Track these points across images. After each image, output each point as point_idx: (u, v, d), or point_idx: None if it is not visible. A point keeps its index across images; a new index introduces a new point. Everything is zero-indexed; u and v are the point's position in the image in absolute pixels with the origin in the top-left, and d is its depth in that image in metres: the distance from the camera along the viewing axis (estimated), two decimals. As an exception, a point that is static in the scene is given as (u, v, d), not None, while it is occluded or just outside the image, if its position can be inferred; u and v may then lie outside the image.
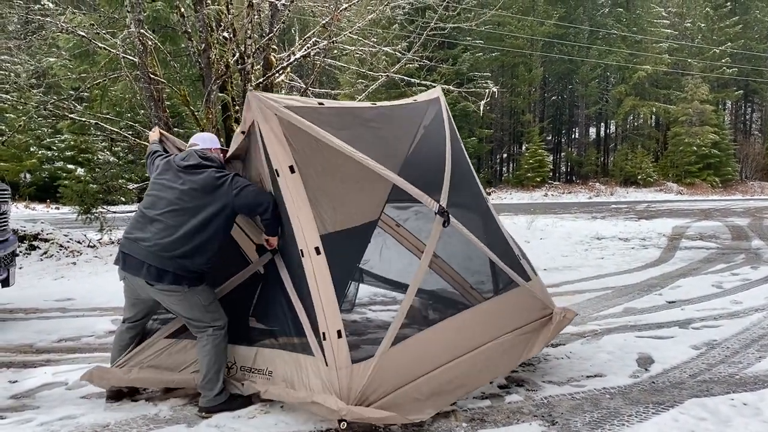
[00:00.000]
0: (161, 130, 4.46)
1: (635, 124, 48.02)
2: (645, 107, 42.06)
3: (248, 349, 3.81)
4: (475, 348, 3.88)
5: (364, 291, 6.19)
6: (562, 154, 48.89)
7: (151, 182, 3.87)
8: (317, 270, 3.27)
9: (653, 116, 45.86)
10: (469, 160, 4.63)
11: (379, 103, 4.21)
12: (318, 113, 3.60)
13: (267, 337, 3.84)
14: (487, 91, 10.29)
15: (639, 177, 39.03)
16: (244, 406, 3.71)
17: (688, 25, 45.06)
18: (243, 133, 3.75)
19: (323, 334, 3.22)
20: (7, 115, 23.54)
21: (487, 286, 4.63)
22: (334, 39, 9.61)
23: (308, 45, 9.83)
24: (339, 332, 3.21)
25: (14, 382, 4.34)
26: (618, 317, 6.25)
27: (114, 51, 9.33)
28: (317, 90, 12.29)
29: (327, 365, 3.22)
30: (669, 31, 43.46)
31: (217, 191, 3.64)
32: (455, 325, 3.90)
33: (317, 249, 3.29)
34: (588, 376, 4.39)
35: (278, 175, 3.41)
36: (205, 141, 4.00)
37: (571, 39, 42.53)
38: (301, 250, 3.32)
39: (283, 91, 11.04)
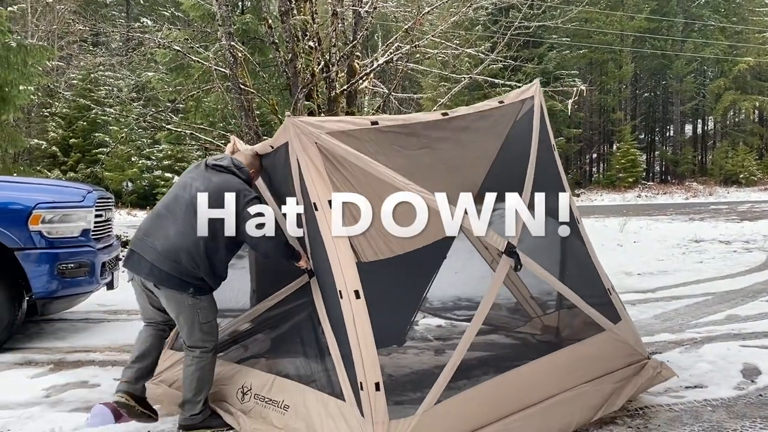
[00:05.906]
0: (236, 141, 4.18)
1: (736, 119, 45.25)
2: (747, 102, 39.49)
3: (265, 376, 3.61)
4: (539, 402, 3.36)
5: (449, 295, 6.05)
6: (656, 152, 46.77)
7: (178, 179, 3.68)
8: (356, 315, 2.95)
9: (756, 111, 43.06)
10: (562, 175, 3.99)
11: (453, 112, 3.61)
12: (369, 137, 3.25)
13: (287, 366, 3.64)
14: (575, 89, 10.01)
15: (741, 176, 36.73)
16: (223, 426, 3.52)
17: (796, 12, 42.10)
18: (272, 147, 3.50)
19: (360, 383, 2.94)
20: (111, 127, 25.09)
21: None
22: (417, 43, 9.63)
23: (391, 50, 9.90)
24: (377, 384, 2.91)
25: (118, 379, 4.58)
26: (720, 325, 5.91)
27: (207, 63, 9.78)
28: (400, 95, 12.35)
29: (363, 416, 2.94)
30: (773, 19, 40.77)
31: (227, 200, 3.34)
32: (514, 380, 3.38)
33: (357, 292, 2.96)
34: (687, 387, 4.17)
35: (317, 209, 3.09)
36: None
37: (663, 33, 40.63)
38: (340, 291, 3.00)
39: (366, 97, 11.17)
